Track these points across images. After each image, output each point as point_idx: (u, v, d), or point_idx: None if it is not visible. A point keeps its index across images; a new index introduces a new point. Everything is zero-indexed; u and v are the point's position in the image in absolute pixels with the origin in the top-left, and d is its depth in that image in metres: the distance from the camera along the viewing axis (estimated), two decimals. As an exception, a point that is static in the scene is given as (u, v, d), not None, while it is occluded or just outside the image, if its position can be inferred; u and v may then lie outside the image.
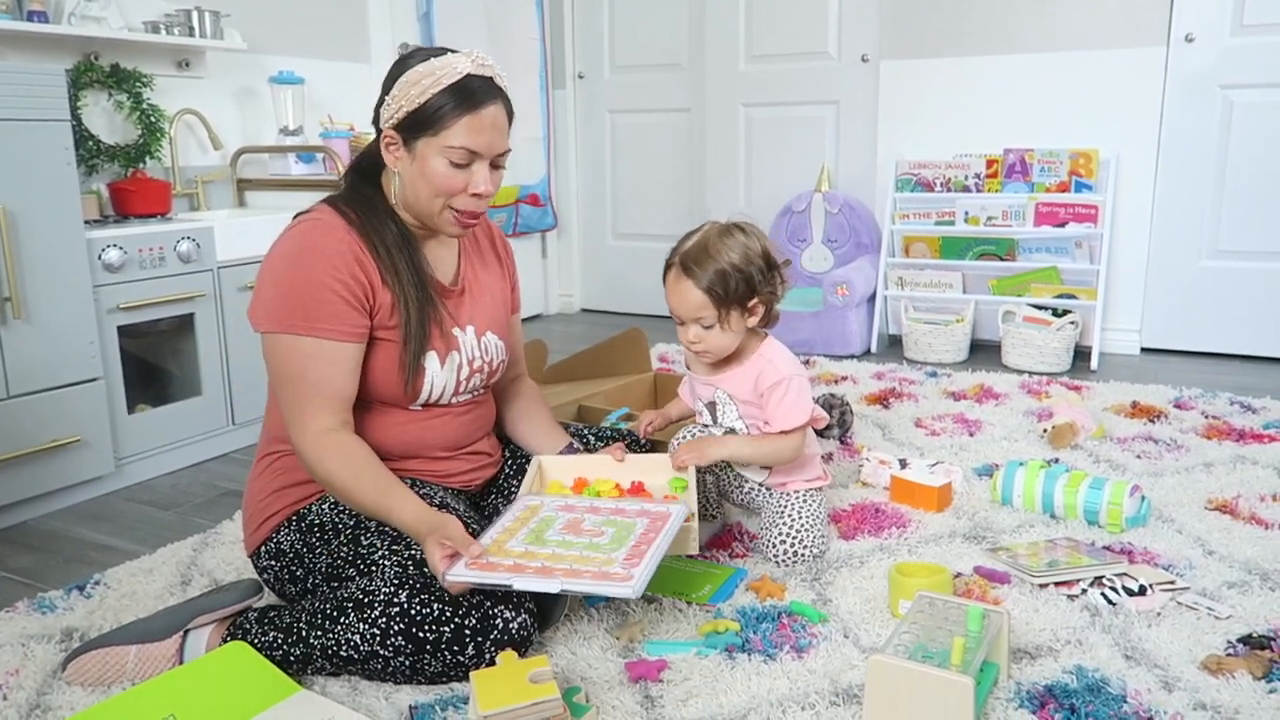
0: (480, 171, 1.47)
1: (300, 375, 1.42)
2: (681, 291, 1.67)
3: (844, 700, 1.30)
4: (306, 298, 1.41)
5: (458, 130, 1.43)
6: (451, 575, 1.28)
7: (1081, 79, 3.37)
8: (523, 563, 1.32)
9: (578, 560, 1.33)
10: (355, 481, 1.41)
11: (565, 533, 1.42)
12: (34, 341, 2.10)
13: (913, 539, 1.83)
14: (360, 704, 1.33)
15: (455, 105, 1.43)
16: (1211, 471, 2.15)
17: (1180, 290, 3.40)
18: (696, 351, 1.72)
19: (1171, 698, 1.29)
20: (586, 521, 1.46)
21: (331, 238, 1.45)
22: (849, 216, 3.70)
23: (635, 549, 1.35)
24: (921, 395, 2.87)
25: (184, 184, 2.88)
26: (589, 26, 4.40)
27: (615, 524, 1.44)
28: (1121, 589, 1.55)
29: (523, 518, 1.48)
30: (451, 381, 1.56)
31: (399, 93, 1.45)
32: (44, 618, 1.62)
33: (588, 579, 1.28)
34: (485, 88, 1.46)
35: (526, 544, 1.38)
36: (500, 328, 1.68)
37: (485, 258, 1.71)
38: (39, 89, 2.08)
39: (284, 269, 1.44)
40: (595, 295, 4.68)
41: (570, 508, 1.52)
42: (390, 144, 1.49)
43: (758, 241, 1.68)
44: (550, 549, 1.37)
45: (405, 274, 1.49)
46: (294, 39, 3.24)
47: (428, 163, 1.45)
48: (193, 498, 2.26)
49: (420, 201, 1.49)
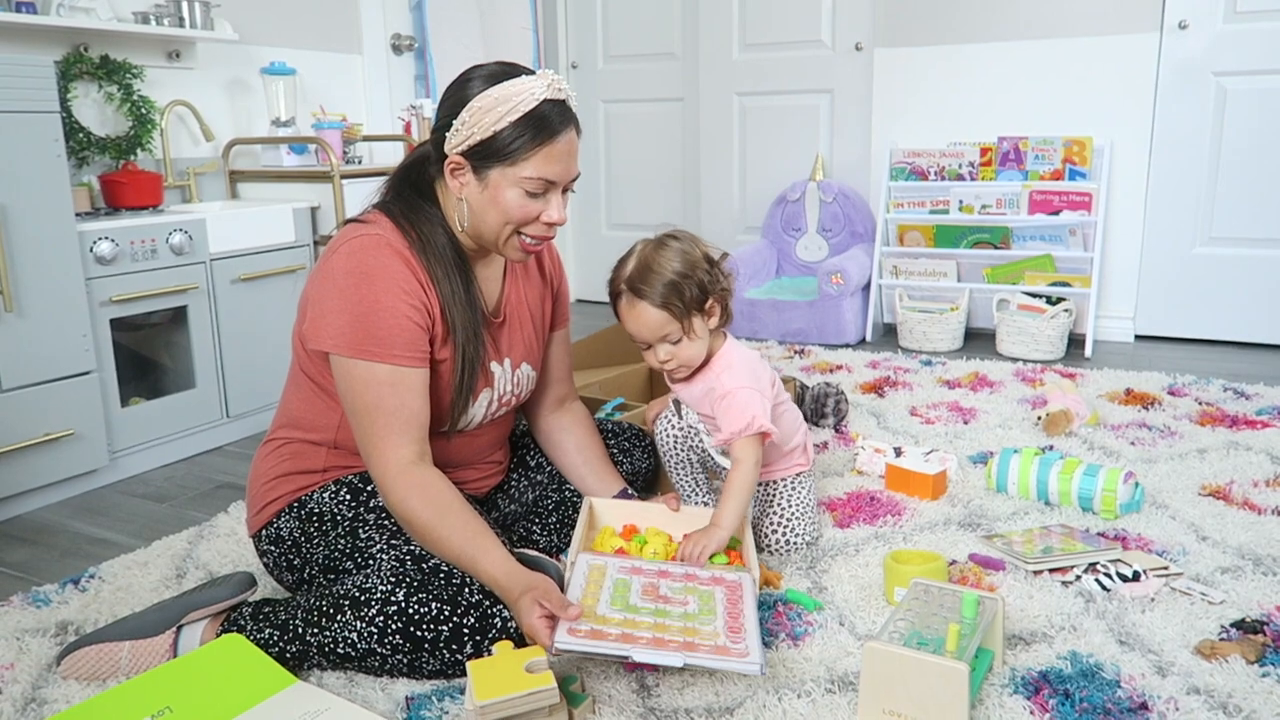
0: (555, 200, 1.43)
1: (377, 404, 1.37)
2: (638, 315, 1.60)
3: (840, 687, 1.31)
4: (378, 323, 1.36)
5: (535, 162, 1.37)
6: (560, 644, 1.22)
7: (1075, 66, 3.36)
8: (629, 632, 1.27)
9: (684, 631, 1.29)
10: (440, 523, 1.34)
11: (647, 598, 1.38)
12: (26, 335, 2.09)
13: (908, 527, 1.84)
14: (357, 695, 1.33)
15: (533, 136, 1.36)
16: (1205, 458, 2.16)
17: (1174, 277, 3.41)
18: (669, 369, 1.66)
19: (1165, 682, 1.30)
20: (663, 587, 1.41)
21: (395, 257, 1.39)
22: (843, 205, 3.70)
23: (731, 620, 1.32)
24: (916, 384, 2.87)
25: (176, 176, 2.87)
26: (582, 16, 4.38)
27: (695, 591, 1.41)
28: (1115, 575, 1.56)
29: (594, 578, 1.43)
30: (481, 414, 1.55)
31: (470, 119, 1.36)
32: (39, 611, 1.62)
33: (706, 653, 1.23)
34: (561, 114, 1.40)
35: (617, 609, 1.34)
36: (534, 356, 1.64)
37: (531, 276, 1.65)
38: (28, 80, 2.06)
39: (351, 288, 1.37)
40: (590, 286, 4.67)
41: (639, 570, 1.47)
42: (457, 169, 1.41)
43: (693, 245, 1.63)
44: (648, 618, 1.32)
45: (463, 308, 1.44)
46: (285, 30, 3.22)
47: (501, 192, 1.39)
48: (187, 491, 2.26)
49: (488, 229, 1.43)
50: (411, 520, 1.36)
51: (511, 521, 1.76)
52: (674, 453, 1.85)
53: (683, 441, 1.83)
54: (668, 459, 1.86)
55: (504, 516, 1.74)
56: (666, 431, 1.84)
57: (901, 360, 3.21)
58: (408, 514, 1.36)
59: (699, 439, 1.82)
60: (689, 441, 1.83)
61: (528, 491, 1.77)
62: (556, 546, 1.75)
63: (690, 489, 1.87)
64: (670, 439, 1.84)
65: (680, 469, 1.86)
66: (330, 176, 2.77)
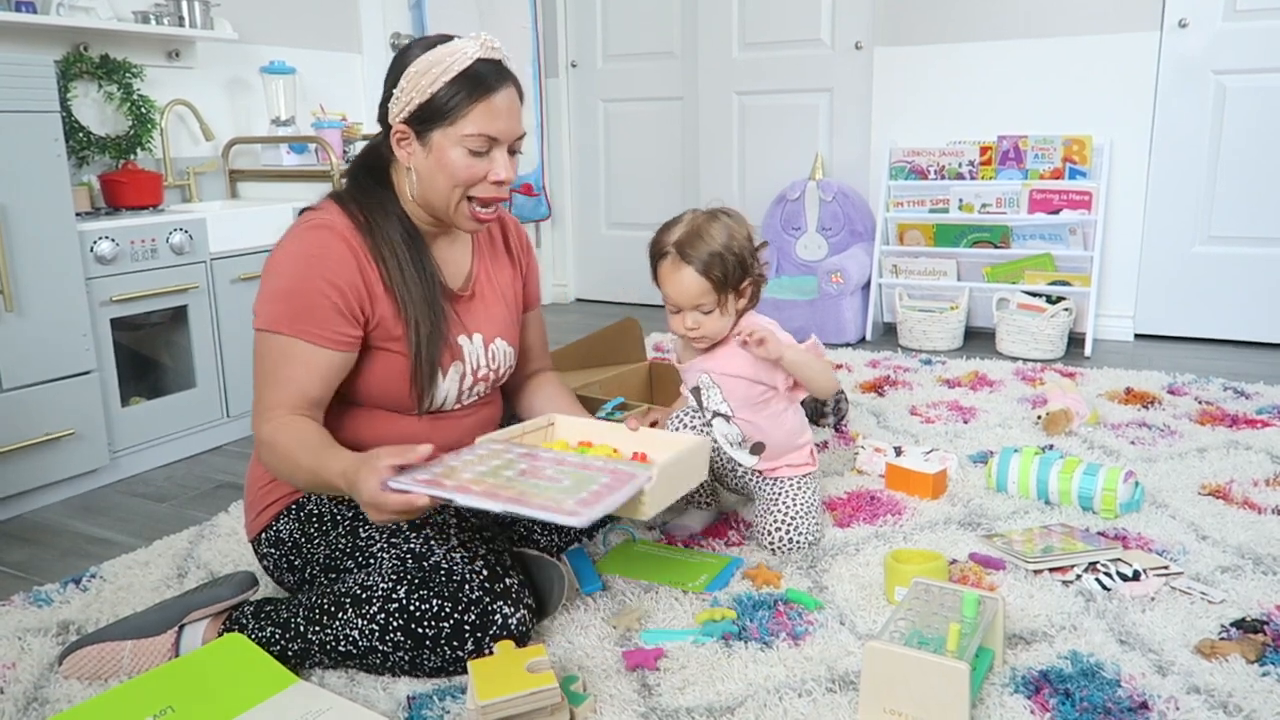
0: (499, 158, 1.44)
1: (272, 372, 1.39)
2: (680, 279, 1.67)
3: (840, 687, 1.31)
4: (298, 301, 1.38)
5: (474, 118, 1.40)
6: (393, 482, 1.20)
7: (1075, 65, 3.36)
8: (468, 485, 1.24)
9: (529, 491, 1.25)
10: (299, 448, 1.33)
11: (524, 476, 1.32)
12: (26, 335, 2.09)
13: (908, 526, 1.84)
14: (358, 695, 1.33)
15: (469, 93, 1.39)
16: (1205, 457, 2.16)
17: (1174, 276, 3.41)
18: (693, 337, 1.72)
19: (1165, 682, 1.30)
20: (549, 470, 1.36)
21: (338, 243, 1.41)
22: (843, 204, 3.70)
23: (594, 494, 1.26)
24: (916, 383, 2.87)
25: (176, 175, 2.87)
26: (582, 15, 4.38)
27: (577, 475, 1.35)
28: (1116, 574, 1.56)
29: (483, 455, 1.39)
30: (454, 390, 1.54)
31: (407, 85, 1.40)
32: (40, 611, 1.62)
33: (535, 507, 1.19)
34: (496, 71, 1.43)
35: (474, 470, 1.31)
36: (510, 332, 1.65)
37: (498, 256, 1.67)
38: (28, 80, 2.06)
39: (287, 270, 1.40)
40: (590, 285, 4.67)
41: (537, 457, 1.41)
42: (402, 139, 1.44)
43: (741, 224, 1.71)
44: (500, 479, 1.28)
45: (414, 284, 1.46)
46: (285, 29, 3.22)
47: (445, 154, 1.42)
48: (188, 490, 2.26)
49: (438, 195, 1.45)
50: (275, 450, 1.34)
51: (511, 521, 1.76)
52: None
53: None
54: None
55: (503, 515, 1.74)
56: (677, 424, 1.82)
57: (901, 359, 3.21)
58: (272, 441, 1.35)
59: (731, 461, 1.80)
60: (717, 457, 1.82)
61: None
62: (557, 546, 1.75)
63: (696, 490, 1.86)
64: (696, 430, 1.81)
65: None
66: (330, 176, 2.77)
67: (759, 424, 1.76)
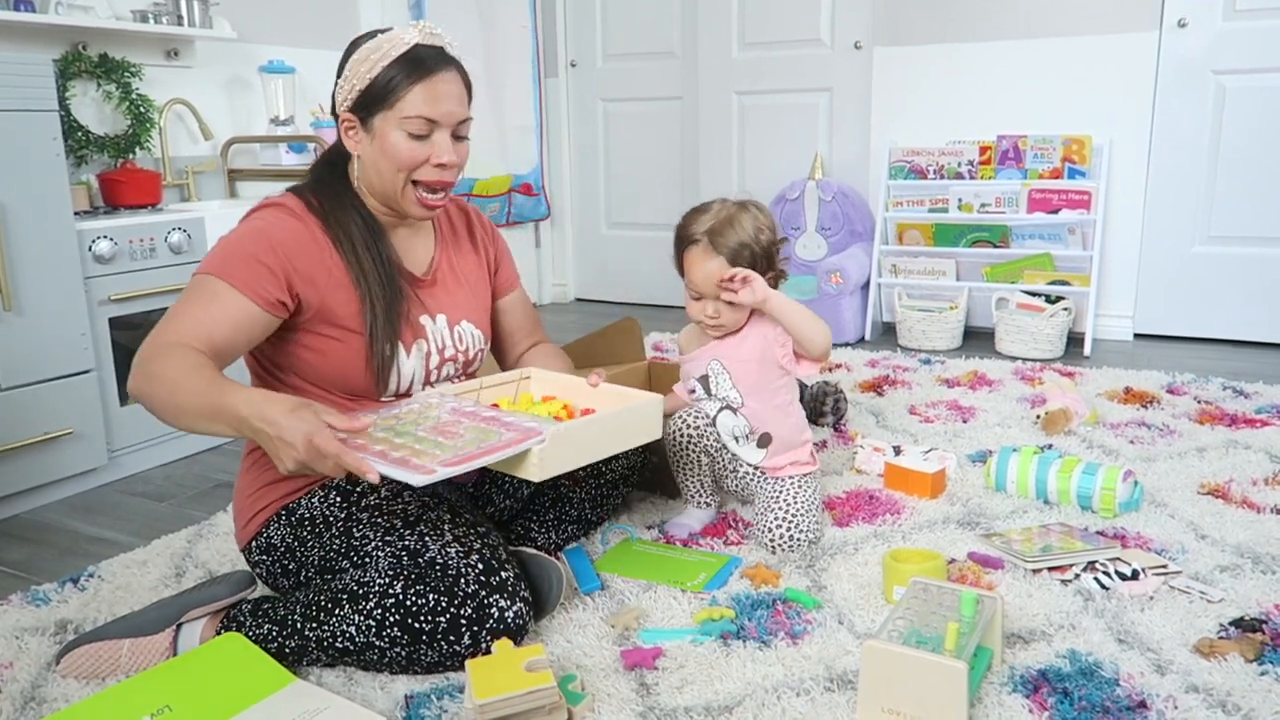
0: (441, 141, 1.46)
1: (182, 306, 1.35)
2: (706, 265, 1.71)
3: (839, 686, 1.31)
4: (232, 250, 1.38)
5: (412, 99, 1.42)
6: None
7: (1074, 65, 3.36)
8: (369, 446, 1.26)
9: (412, 452, 1.25)
10: (191, 371, 1.26)
11: (433, 432, 1.33)
12: (25, 334, 2.09)
13: (907, 525, 1.84)
14: (356, 694, 1.33)
15: (407, 75, 1.42)
16: (1204, 456, 2.16)
17: (1173, 276, 3.41)
18: (711, 325, 1.75)
19: (1164, 681, 1.30)
20: (463, 425, 1.36)
21: (292, 220, 1.44)
22: (842, 204, 3.69)
23: (469, 455, 1.25)
24: (915, 382, 2.87)
25: (174, 174, 2.87)
26: (581, 14, 4.38)
27: (481, 431, 1.35)
28: (1114, 573, 1.56)
29: (414, 409, 1.42)
30: (420, 370, 1.54)
31: (350, 73, 1.44)
32: (38, 610, 1.62)
33: (392, 464, 1.20)
34: (436, 55, 1.45)
35: (384, 432, 1.32)
36: (478, 317, 1.66)
37: (461, 245, 1.69)
38: (26, 79, 2.06)
39: (231, 235, 1.42)
40: (589, 284, 4.67)
41: (468, 414, 1.41)
42: (349, 127, 1.48)
43: (767, 218, 1.76)
44: (405, 440, 1.29)
45: (368, 263, 1.47)
46: (284, 28, 3.21)
47: (387, 138, 1.44)
48: (186, 489, 2.26)
49: (384, 180, 1.47)
50: (160, 367, 1.27)
51: (508, 519, 1.76)
52: (685, 451, 1.82)
53: (696, 440, 1.81)
54: (676, 457, 1.84)
55: (499, 512, 1.74)
56: (680, 429, 1.82)
57: (900, 359, 3.21)
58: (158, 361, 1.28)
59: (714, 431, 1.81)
60: (702, 442, 1.81)
61: (522, 486, 1.77)
62: (555, 544, 1.75)
63: (695, 490, 1.86)
64: (684, 436, 1.81)
65: (688, 469, 1.84)
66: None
67: (766, 415, 1.77)
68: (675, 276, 1.83)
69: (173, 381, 1.26)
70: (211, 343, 1.33)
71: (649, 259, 4.40)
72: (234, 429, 1.24)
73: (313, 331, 1.46)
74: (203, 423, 1.26)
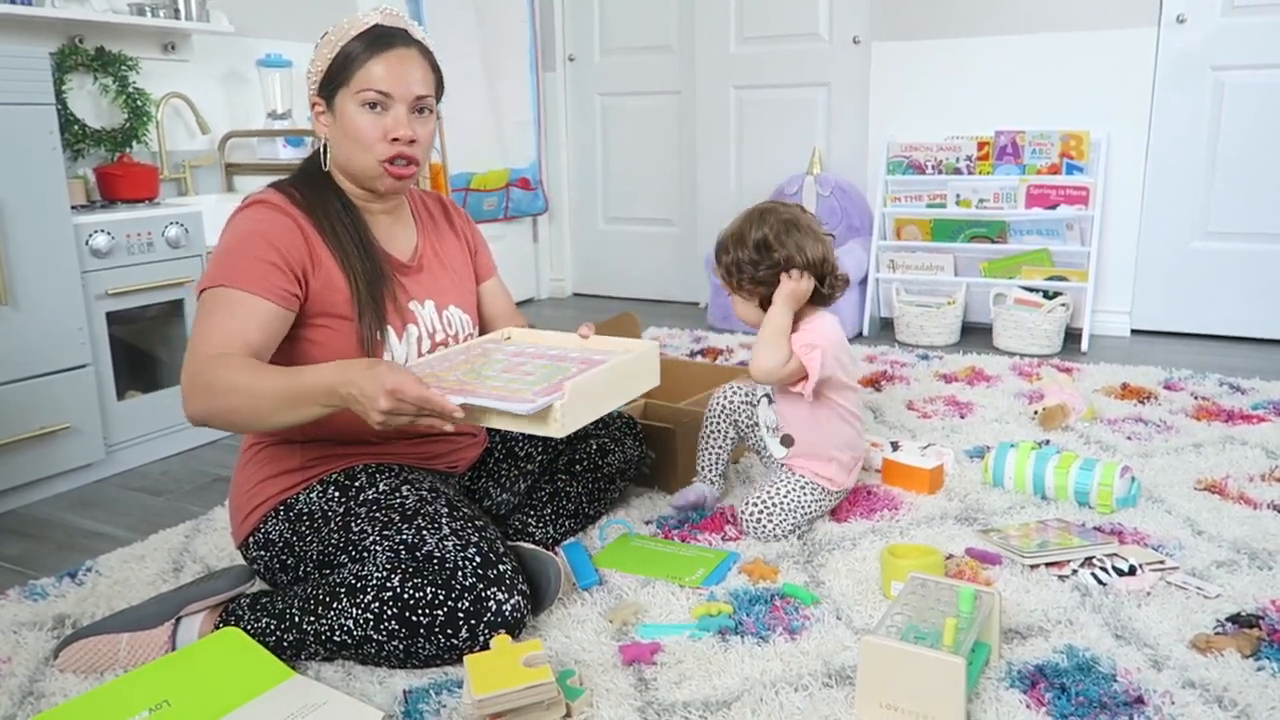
0: (396, 114, 1.46)
1: (208, 319, 1.36)
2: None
3: (836, 681, 1.31)
4: (236, 258, 1.39)
5: (366, 73, 1.44)
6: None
7: (1073, 60, 3.36)
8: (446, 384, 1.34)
9: (495, 388, 1.32)
10: (255, 371, 1.29)
11: (504, 373, 1.41)
12: (22, 328, 2.08)
13: (904, 521, 1.84)
14: (354, 689, 1.33)
15: (364, 49, 1.45)
16: (1201, 452, 2.16)
17: (1170, 272, 3.41)
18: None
19: (1161, 676, 1.30)
20: (529, 365, 1.45)
21: (278, 214, 1.44)
22: (840, 199, 3.69)
23: (555, 384, 1.32)
24: (913, 378, 2.87)
25: (171, 169, 2.86)
26: (579, 9, 4.37)
27: (551, 367, 1.43)
28: (1111, 569, 1.56)
29: (471, 356, 1.50)
30: (411, 355, 1.54)
31: (316, 57, 1.49)
32: (35, 605, 1.62)
33: (493, 398, 1.27)
34: (395, 33, 1.48)
35: (463, 377, 1.39)
36: (465, 301, 1.67)
37: (442, 232, 1.71)
38: (23, 72, 2.06)
39: (226, 241, 1.43)
40: (586, 279, 4.67)
41: (520, 354, 1.51)
42: (319, 111, 1.51)
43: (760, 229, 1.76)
44: (476, 378, 1.37)
45: (351, 248, 1.49)
46: (281, 22, 3.20)
47: (347, 115, 1.46)
48: (183, 484, 2.26)
49: (351, 160, 1.49)
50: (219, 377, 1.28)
51: (506, 513, 1.76)
52: (715, 420, 1.93)
53: (730, 413, 1.92)
54: (705, 425, 1.94)
55: (496, 506, 1.74)
56: (719, 398, 1.93)
57: (898, 354, 3.21)
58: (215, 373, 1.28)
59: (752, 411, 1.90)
60: (734, 415, 1.92)
61: (518, 480, 1.77)
62: (553, 538, 1.75)
63: (709, 463, 1.94)
64: (719, 406, 1.92)
65: (711, 439, 1.94)
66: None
67: (792, 417, 1.83)
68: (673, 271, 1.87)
69: (245, 388, 1.28)
70: (249, 347, 1.35)
71: (646, 254, 4.40)
72: (321, 405, 1.27)
73: (308, 324, 1.46)
74: (286, 414, 1.29)
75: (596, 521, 1.86)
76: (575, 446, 1.80)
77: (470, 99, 3.95)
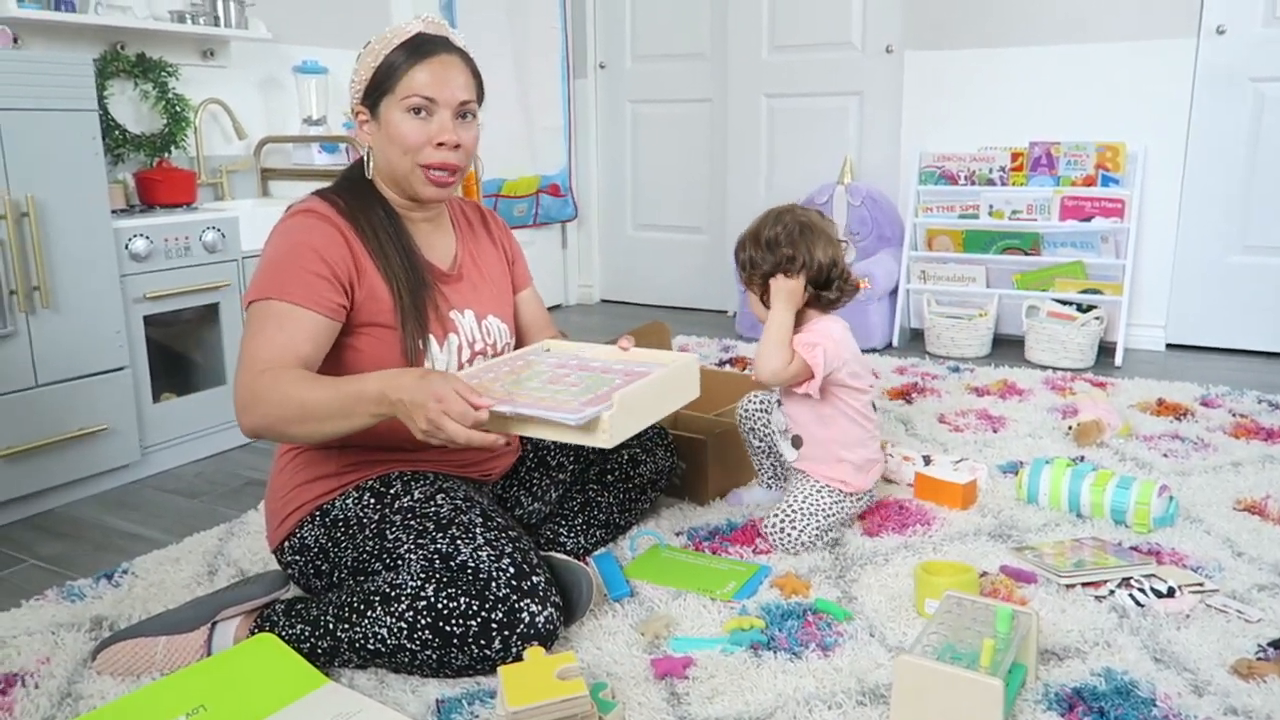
0: (441, 120, 1.48)
1: (258, 334, 1.38)
2: None
3: (871, 700, 1.30)
4: (284, 271, 1.41)
5: (410, 79, 1.46)
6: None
7: (1109, 71, 3.32)
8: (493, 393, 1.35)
9: (541, 398, 1.34)
10: (308, 382, 1.32)
11: (548, 384, 1.42)
12: (61, 330, 2.11)
13: (937, 537, 1.82)
14: (388, 697, 1.33)
15: (407, 57, 1.47)
16: (1240, 471, 2.13)
17: (1207, 286, 3.36)
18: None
19: (1202, 702, 1.28)
20: (572, 376, 1.46)
21: (323, 224, 1.46)
22: (871, 209, 3.67)
23: (600, 395, 1.34)
24: (944, 390, 2.85)
25: (209, 174, 2.89)
26: (611, 16, 4.38)
27: (594, 378, 1.44)
28: (1150, 590, 1.54)
29: (514, 367, 1.52)
30: (452, 364, 1.55)
31: (359, 68, 1.50)
32: (73, 606, 1.64)
33: (540, 408, 1.28)
34: (438, 41, 1.50)
35: (508, 387, 1.41)
36: (503, 311, 1.68)
37: (480, 241, 1.71)
38: (67, 78, 2.09)
39: (271, 251, 1.45)
40: (615, 286, 4.67)
41: (562, 365, 1.53)
42: (362, 121, 1.53)
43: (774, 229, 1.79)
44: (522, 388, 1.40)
45: (394, 257, 1.50)
46: (318, 29, 3.23)
47: (392, 122, 1.47)
48: (218, 486, 2.28)
49: (394, 166, 1.50)
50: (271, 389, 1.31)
51: (537, 522, 1.77)
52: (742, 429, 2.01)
53: (747, 421, 2.00)
54: (745, 437, 2.02)
55: (528, 515, 1.74)
56: (743, 405, 2.00)
57: (929, 366, 3.19)
58: (268, 386, 1.31)
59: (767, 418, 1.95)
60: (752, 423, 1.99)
61: (550, 490, 1.77)
62: (584, 548, 1.75)
63: (758, 467, 2.04)
64: (744, 411, 2.00)
65: (750, 448, 2.02)
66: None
67: (799, 417, 1.84)
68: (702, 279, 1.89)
69: (298, 400, 1.30)
70: (300, 359, 1.37)
71: (675, 261, 4.39)
72: (375, 413, 1.29)
73: (353, 332, 1.47)
74: (339, 423, 1.31)
75: (627, 532, 1.86)
76: (607, 456, 1.80)
77: (501, 106, 3.96)
